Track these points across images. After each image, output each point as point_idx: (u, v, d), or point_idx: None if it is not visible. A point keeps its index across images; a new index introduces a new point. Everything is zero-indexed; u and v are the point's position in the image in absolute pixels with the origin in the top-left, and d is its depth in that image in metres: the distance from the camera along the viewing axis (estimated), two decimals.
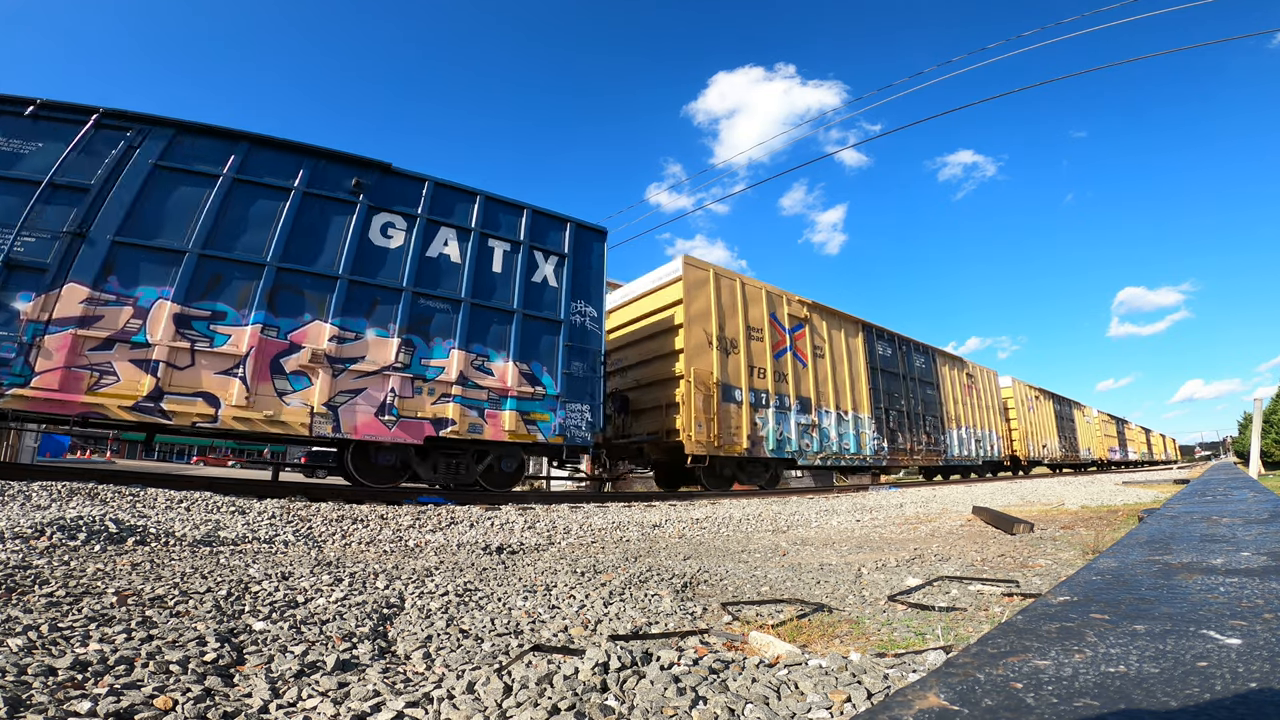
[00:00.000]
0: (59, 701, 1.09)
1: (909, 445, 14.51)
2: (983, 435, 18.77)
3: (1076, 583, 1.43)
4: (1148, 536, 2.26)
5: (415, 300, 6.67)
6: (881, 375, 13.97)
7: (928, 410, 15.74)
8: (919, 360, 15.93)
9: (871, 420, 13.19)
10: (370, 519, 4.56)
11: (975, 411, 18.53)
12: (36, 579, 1.97)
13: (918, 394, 15.36)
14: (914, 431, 14.82)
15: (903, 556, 3.31)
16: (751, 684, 1.30)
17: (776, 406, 10.64)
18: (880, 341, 14.40)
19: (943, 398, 16.68)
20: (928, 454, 15.22)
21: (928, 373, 16.19)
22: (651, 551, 3.78)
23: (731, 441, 9.69)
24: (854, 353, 13.19)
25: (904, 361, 15.09)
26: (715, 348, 9.64)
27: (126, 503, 4.26)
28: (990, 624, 1.84)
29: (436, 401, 6.65)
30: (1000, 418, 20.54)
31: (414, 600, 2.11)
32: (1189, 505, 3.71)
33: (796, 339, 11.46)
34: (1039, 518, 5.27)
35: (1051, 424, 25.35)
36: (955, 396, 17.47)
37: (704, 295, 9.75)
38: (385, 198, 6.77)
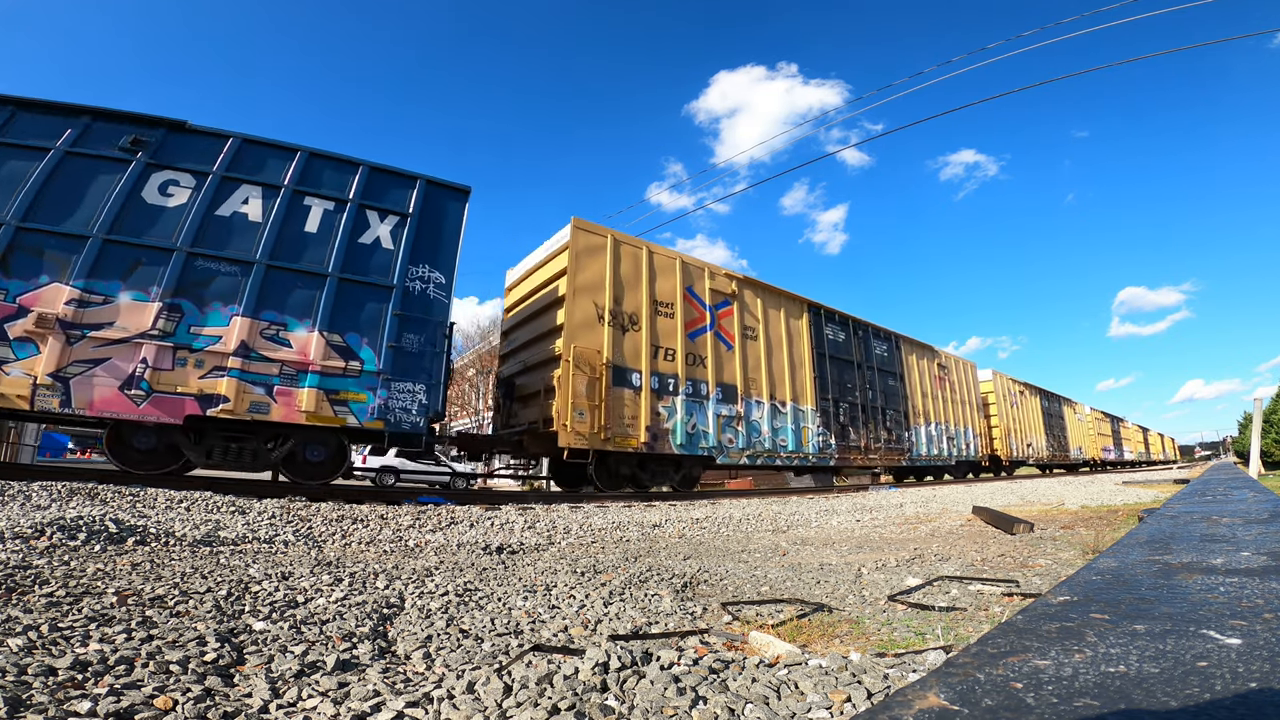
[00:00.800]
0: (59, 701, 1.09)
1: (864, 442, 12.85)
2: (957, 432, 17.18)
3: (1076, 583, 1.43)
4: (1148, 536, 2.26)
5: (190, 261, 5.93)
6: (831, 362, 12.36)
7: (889, 403, 14.11)
8: (879, 347, 14.30)
9: (816, 413, 11.54)
10: (370, 519, 4.56)
11: (949, 406, 16.98)
12: (36, 579, 1.97)
13: (877, 385, 13.75)
14: (871, 427, 13.19)
15: (903, 556, 3.31)
16: (751, 684, 1.30)
17: (689, 394, 9.14)
18: (830, 324, 12.71)
19: (908, 390, 15.10)
20: (888, 453, 13.66)
21: (890, 361, 14.60)
22: (651, 551, 3.78)
23: (624, 434, 8.20)
24: (796, 336, 11.54)
25: (860, 348, 13.50)
26: (608, 324, 8.27)
27: (126, 503, 4.26)
28: (990, 624, 1.84)
29: (207, 375, 5.79)
30: (979, 414, 19.04)
31: (414, 600, 2.11)
32: (1189, 505, 3.71)
33: (721, 317, 10.01)
34: (1039, 518, 5.27)
35: (1038, 421, 23.99)
36: (924, 389, 15.90)
37: (596, 264, 8.42)
38: (173, 156, 6.25)
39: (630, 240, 9.09)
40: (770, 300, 11.23)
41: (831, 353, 12.54)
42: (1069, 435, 27.23)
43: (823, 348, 12.29)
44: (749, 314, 10.69)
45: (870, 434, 13.19)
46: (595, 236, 8.59)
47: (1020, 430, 22.12)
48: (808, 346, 11.82)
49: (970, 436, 18.05)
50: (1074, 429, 28.21)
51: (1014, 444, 21.19)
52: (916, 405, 15.37)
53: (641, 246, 9.17)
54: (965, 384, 18.43)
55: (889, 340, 14.85)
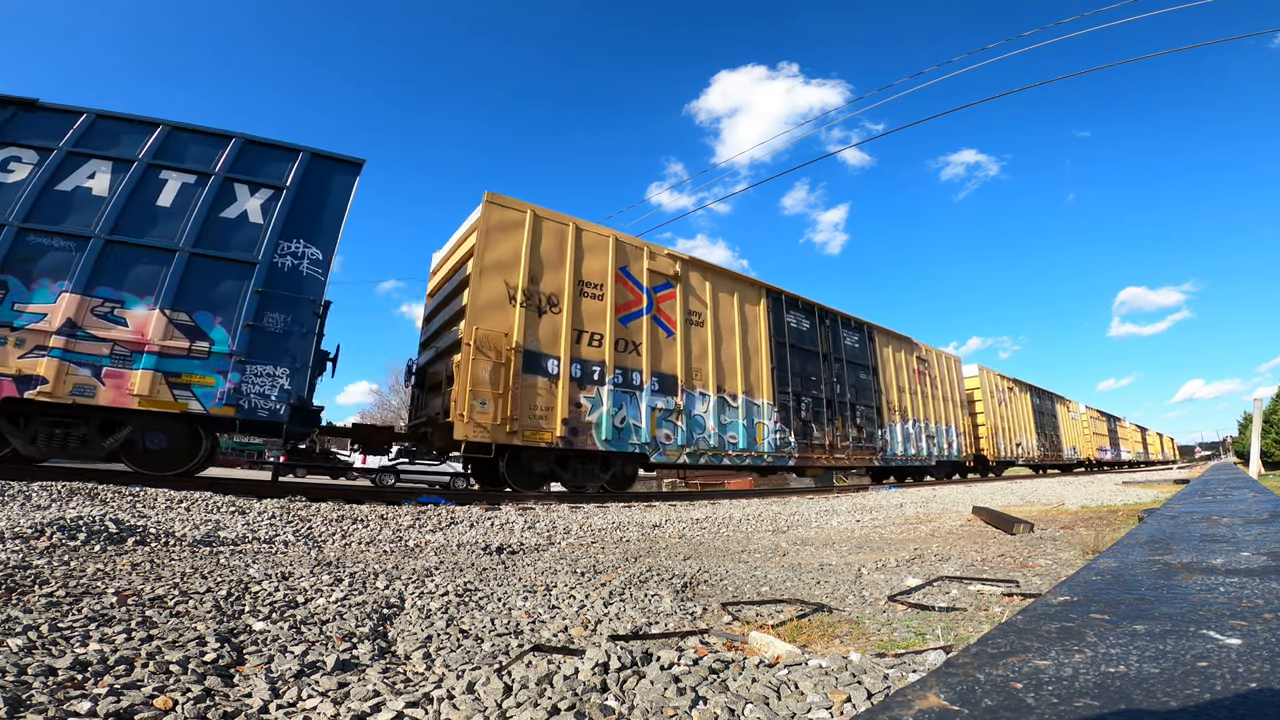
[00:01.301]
0: (59, 701, 1.09)
1: (829, 440, 11.69)
2: (938, 431, 15.95)
3: (1076, 583, 1.43)
4: (1148, 536, 2.26)
5: (21, 236, 5.63)
6: (792, 353, 11.23)
7: (860, 399, 12.93)
8: (849, 337, 13.13)
9: (773, 408, 10.47)
10: (370, 519, 4.56)
11: (929, 403, 15.77)
12: (36, 579, 1.97)
13: (846, 378, 12.53)
14: (839, 424, 12.06)
15: (903, 556, 3.31)
16: (751, 684, 1.30)
17: (617, 384, 8.17)
18: (792, 312, 11.55)
19: (883, 384, 13.91)
20: (857, 451, 12.46)
21: (862, 353, 13.40)
22: (651, 551, 3.78)
23: (536, 426, 7.37)
24: (751, 323, 10.51)
25: (827, 338, 12.31)
26: (521, 305, 7.51)
27: (126, 503, 4.26)
28: (990, 624, 1.84)
29: (27, 355, 5.39)
30: (962, 411, 17.69)
31: (414, 600, 2.11)
32: (1189, 505, 3.71)
33: (660, 300, 9.08)
34: (1039, 518, 5.27)
35: (1028, 419, 22.78)
36: (901, 384, 14.71)
37: (511, 241, 7.69)
38: (18, 133, 6.00)
39: (554, 216, 8.20)
40: (720, 284, 10.14)
41: (793, 342, 11.32)
42: (1062, 434, 26.07)
43: (783, 336, 11.08)
44: (695, 298, 9.64)
45: (837, 431, 11.94)
46: (511, 212, 7.78)
47: (1009, 429, 20.96)
48: (765, 335, 10.69)
49: (953, 435, 16.82)
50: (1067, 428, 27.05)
51: (1002, 443, 20.00)
52: (891, 401, 14.12)
53: (568, 223, 8.28)
54: (948, 379, 17.22)
55: (861, 330, 13.61)
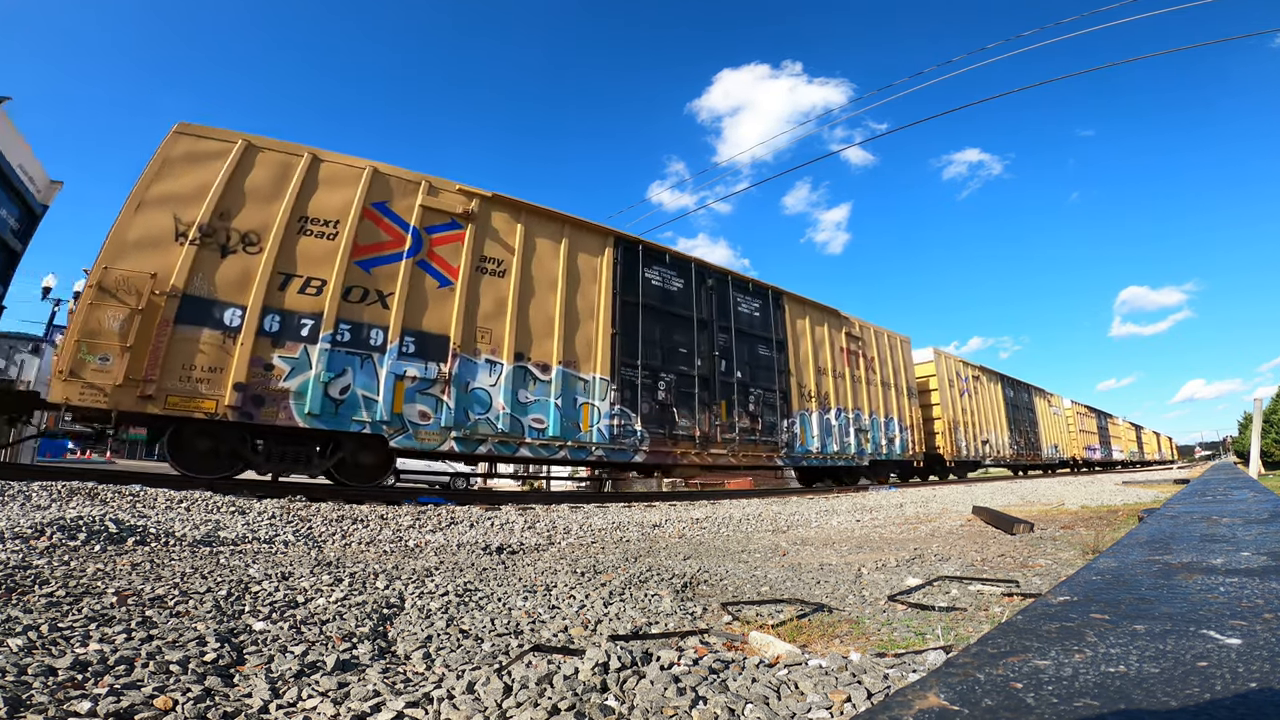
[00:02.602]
0: (59, 701, 1.09)
1: (701, 431, 9.13)
2: (873, 423, 13.23)
3: (1076, 583, 1.43)
4: (1148, 536, 2.26)
5: None
6: (650, 317, 8.90)
7: (757, 379, 10.36)
8: (746, 304, 10.62)
9: (610, 385, 8.09)
10: (370, 519, 4.56)
11: (863, 390, 13.09)
12: (36, 579, 1.97)
13: (736, 354, 10.09)
14: (719, 411, 9.59)
15: (903, 556, 3.31)
16: (751, 684, 1.30)
17: (340, 342, 6.25)
18: (655, 267, 9.23)
19: (794, 364, 11.25)
20: (746, 446, 9.91)
21: (764, 324, 10.80)
22: (651, 551, 3.78)
23: (190, 391, 5.64)
24: (587, 278, 8.35)
25: (709, 303, 9.89)
26: (193, 243, 5.88)
27: (126, 503, 4.26)
28: (990, 624, 1.84)
29: None
30: (911, 401, 14.99)
31: (414, 600, 2.11)
32: (1189, 505, 3.71)
33: (437, 243, 7.16)
34: (1039, 518, 5.27)
35: (999, 413, 20.05)
36: (822, 364, 12.00)
37: (201, 173, 6.09)
38: None
39: (282, 146, 6.57)
40: (540, 227, 8.04)
41: (654, 304, 9.02)
42: (1041, 431, 23.37)
43: (635, 296, 8.78)
44: (497, 243, 7.63)
45: (716, 420, 9.48)
46: (210, 142, 6.25)
47: (973, 423, 18.03)
48: (605, 292, 8.43)
49: (896, 429, 14.04)
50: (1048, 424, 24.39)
51: (963, 440, 17.14)
52: (806, 384, 11.41)
53: (301, 154, 6.57)
54: (891, 363, 14.50)
55: (763, 297, 10.96)
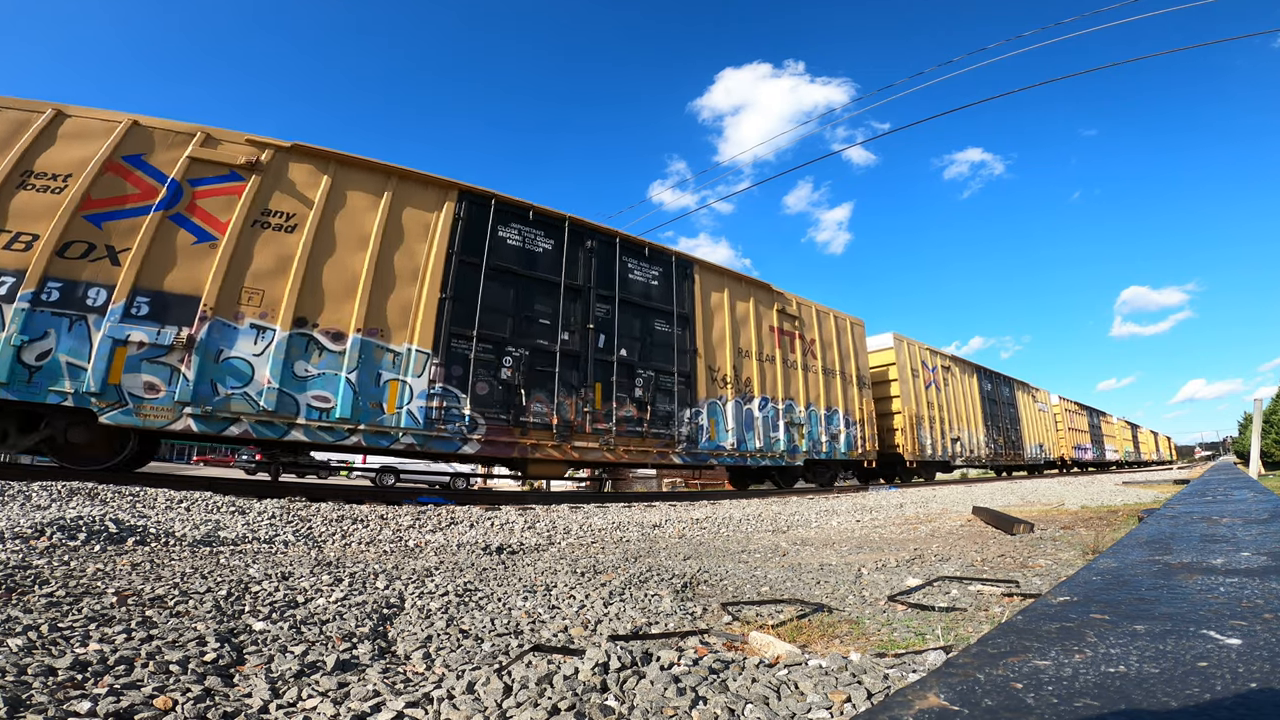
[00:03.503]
0: (59, 701, 1.09)
1: (563, 419, 7.61)
2: (811, 416, 11.36)
3: (1076, 583, 1.43)
4: (1148, 536, 2.26)
5: None
6: (501, 282, 7.50)
7: (650, 359, 8.69)
8: (643, 272, 8.99)
9: (435, 360, 6.81)
10: (370, 519, 4.56)
11: (799, 377, 11.25)
12: (36, 579, 1.97)
13: (621, 328, 8.44)
14: (592, 395, 7.96)
15: (903, 556, 3.31)
16: (751, 684, 1.30)
17: (44, 302, 5.36)
18: (514, 225, 7.80)
19: (705, 343, 9.58)
20: (629, 439, 8.26)
21: (665, 295, 9.18)
22: (651, 551, 3.78)
23: None
24: (414, 235, 7.08)
25: (586, 267, 8.33)
26: None
27: (126, 503, 4.26)
28: (990, 624, 1.84)
29: None
30: (863, 392, 13.05)
31: (414, 600, 2.11)
32: (1189, 505, 3.71)
33: (202, 195, 6.22)
34: (1039, 518, 5.27)
35: (974, 408, 18.03)
36: (744, 345, 10.29)
37: None
38: None
39: (19, 104, 5.88)
40: (354, 179, 6.90)
41: (508, 265, 7.60)
42: (1023, 428, 21.56)
43: (478, 257, 7.39)
44: (291, 196, 6.58)
45: (587, 405, 7.85)
46: None
47: (942, 419, 15.95)
48: (438, 252, 7.14)
49: (840, 423, 12.04)
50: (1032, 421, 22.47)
51: (928, 437, 15.08)
52: (720, 368, 9.73)
53: (43, 110, 5.90)
54: (839, 348, 12.58)
55: (664, 264, 9.32)
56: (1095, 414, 31.70)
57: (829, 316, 12.60)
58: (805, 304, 11.98)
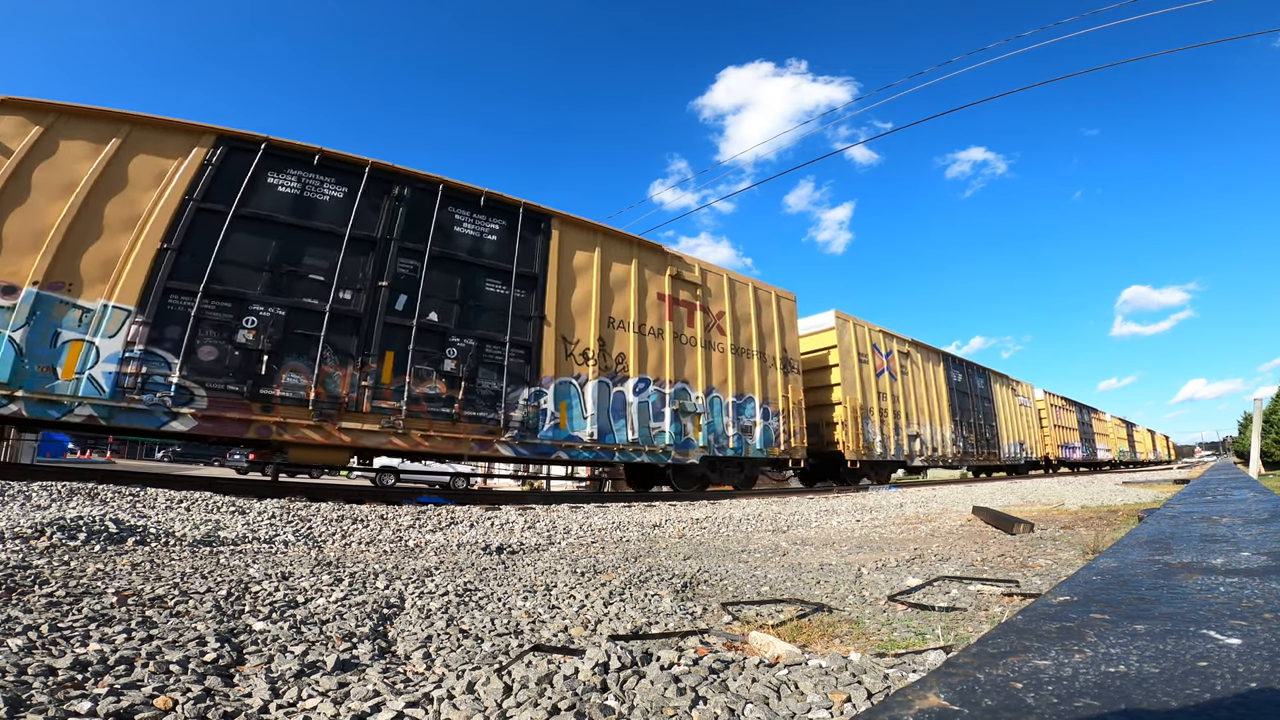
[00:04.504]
0: (59, 701, 1.09)
1: (330, 393, 6.30)
2: (713, 404, 9.54)
3: (1076, 583, 1.43)
4: (1148, 536, 2.26)
5: None
6: (249, 229, 6.33)
7: (472, 326, 7.19)
8: (474, 225, 7.54)
9: (137, 318, 5.71)
10: (370, 519, 4.56)
11: (698, 355, 9.44)
12: (36, 579, 1.97)
13: (439, 288, 7.08)
14: (384, 366, 6.60)
15: (903, 556, 3.31)
16: (751, 684, 1.30)
17: None
18: (287, 171, 6.64)
19: (559, 309, 7.92)
20: (434, 421, 6.74)
21: (508, 253, 7.63)
22: (651, 551, 3.78)
23: None
24: (137, 184, 6.09)
25: (397, 217, 7.06)
26: None
27: (126, 503, 4.26)
28: (990, 624, 1.84)
29: None
30: (789, 377, 11.01)
31: (414, 600, 2.11)
32: (1189, 505, 3.71)
33: None
34: (1039, 518, 5.27)
35: (939, 401, 15.93)
36: (619, 315, 8.58)
37: None
38: None
39: None
40: (70, 128, 6.08)
41: (272, 214, 6.44)
42: (1001, 425, 19.60)
43: (228, 204, 6.26)
44: None
45: (369, 377, 6.49)
46: None
47: (897, 412, 13.98)
48: (170, 199, 6.12)
49: (756, 414, 10.17)
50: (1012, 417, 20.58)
51: (877, 432, 13.04)
52: (580, 340, 8.09)
53: None
54: (759, 325, 10.67)
55: (509, 216, 7.82)
56: (1086, 411, 29.70)
57: (746, 288, 10.76)
58: (713, 271, 10.29)
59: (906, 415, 14.40)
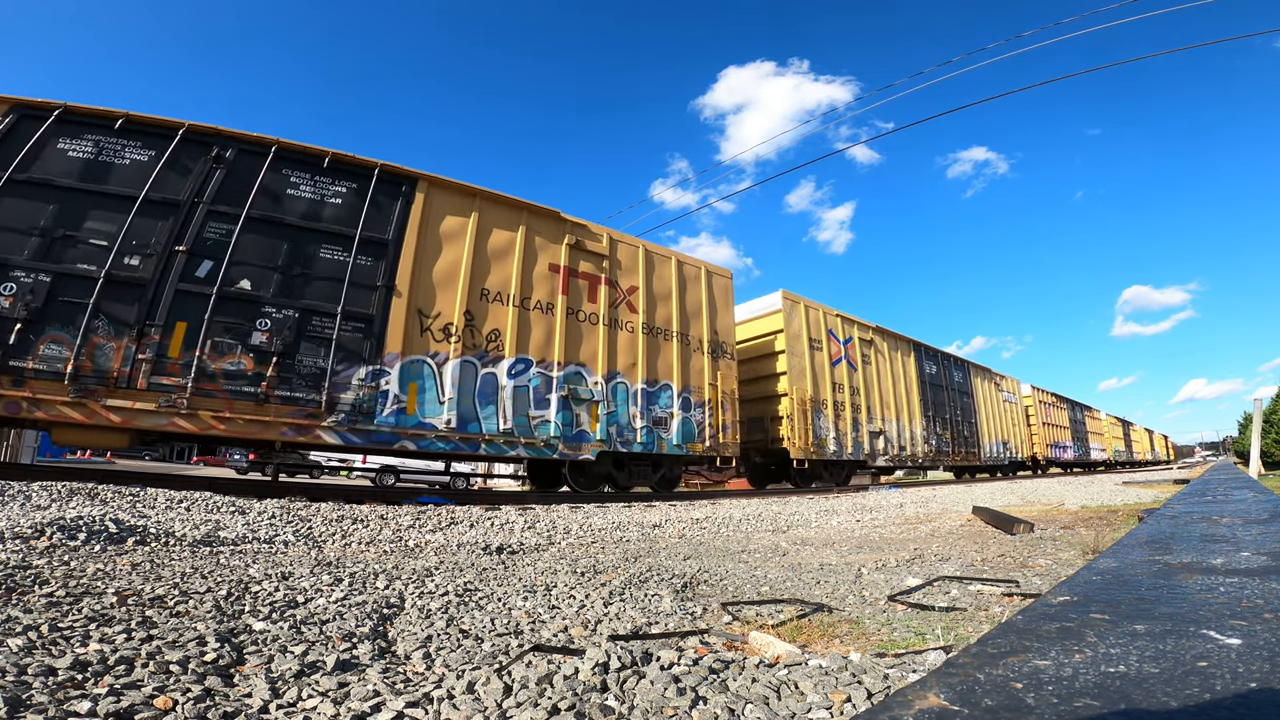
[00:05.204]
0: (59, 701, 1.09)
1: (97, 366, 5.46)
2: (616, 392, 8.25)
3: (1076, 583, 1.43)
4: (1148, 536, 2.26)
5: None
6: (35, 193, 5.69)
7: (297, 295, 6.28)
8: (312, 188, 6.72)
9: None
10: (370, 519, 4.56)
11: (600, 335, 8.28)
12: (36, 579, 1.97)
13: (255, 253, 6.25)
14: (173, 338, 5.77)
15: (903, 556, 3.31)
16: (751, 684, 1.30)
17: None
18: (84, 136, 6.08)
19: (420, 280, 6.96)
20: (236, 403, 5.80)
21: (351, 217, 6.73)
22: (651, 551, 3.78)
23: None
24: None
25: (207, 180, 6.30)
26: None
27: (126, 503, 4.26)
28: (990, 624, 1.84)
29: None
30: (719, 363, 9.75)
31: (414, 600, 2.11)
32: (1189, 505, 3.72)
33: None
34: (1039, 518, 5.27)
35: (909, 395, 14.52)
36: (497, 286, 7.50)
37: None
38: None
39: None
40: None
41: (46, 177, 5.84)
42: (981, 422, 18.06)
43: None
44: None
45: (149, 349, 5.68)
46: None
47: (856, 406, 12.48)
48: None
49: (674, 404, 8.90)
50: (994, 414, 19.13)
51: (830, 428, 11.53)
52: (442, 313, 7.02)
53: None
54: (684, 303, 9.55)
55: (360, 179, 6.96)
56: (1079, 408, 28.09)
57: (668, 261, 9.52)
58: (626, 241, 9.10)
59: (868, 410, 12.92)
